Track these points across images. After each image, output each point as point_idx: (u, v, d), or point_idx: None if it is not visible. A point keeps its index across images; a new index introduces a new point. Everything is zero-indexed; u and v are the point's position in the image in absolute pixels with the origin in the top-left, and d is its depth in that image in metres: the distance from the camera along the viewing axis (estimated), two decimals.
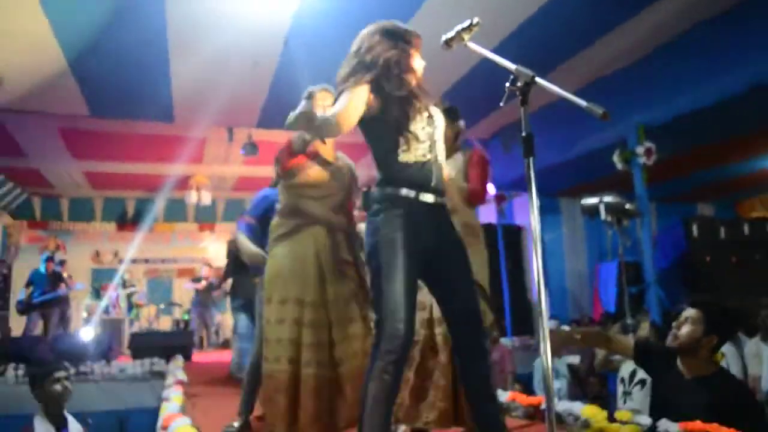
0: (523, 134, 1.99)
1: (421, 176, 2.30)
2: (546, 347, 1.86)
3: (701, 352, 2.65)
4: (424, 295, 2.69)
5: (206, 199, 10.12)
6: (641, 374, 4.84)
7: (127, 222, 12.25)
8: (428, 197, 2.30)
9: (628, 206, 6.87)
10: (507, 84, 2.01)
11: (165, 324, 11.22)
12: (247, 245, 3.40)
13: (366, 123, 2.34)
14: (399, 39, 2.38)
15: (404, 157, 2.30)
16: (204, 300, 10.23)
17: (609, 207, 6.83)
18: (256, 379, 3.18)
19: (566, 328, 7.08)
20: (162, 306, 11.34)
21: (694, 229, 8.47)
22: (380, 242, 2.24)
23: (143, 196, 11.94)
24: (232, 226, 9.70)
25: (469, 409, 2.37)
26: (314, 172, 3.00)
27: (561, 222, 9.81)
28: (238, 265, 6.59)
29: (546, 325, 1.89)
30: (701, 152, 7.89)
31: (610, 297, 8.20)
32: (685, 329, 2.65)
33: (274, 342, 2.87)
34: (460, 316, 2.32)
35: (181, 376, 5.77)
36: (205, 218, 12.51)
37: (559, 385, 6.54)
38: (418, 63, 2.41)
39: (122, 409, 6.62)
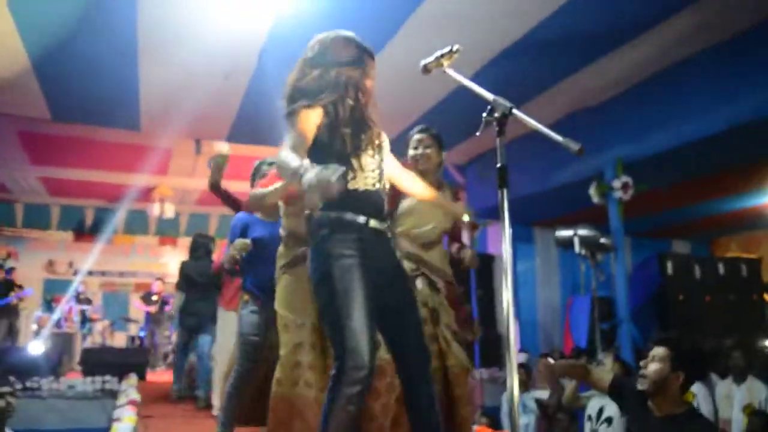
0: (498, 165, 1.96)
1: (370, 203, 2.25)
2: (513, 380, 1.79)
3: (670, 390, 2.64)
4: None
5: (169, 211, 9.83)
6: (608, 411, 4.74)
7: (85, 232, 11.81)
8: (378, 224, 2.24)
9: (602, 240, 6.79)
10: (484, 114, 2.00)
11: (119, 340, 10.86)
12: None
13: (311, 150, 2.20)
14: (360, 55, 2.30)
15: (353, 184, 2.21)
16: (156, 317, 9.88)
17: (583, 240, 6.75)
18: (240, 396, 3.26)
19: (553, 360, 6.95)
20: (115, 321, 10.96)
21: (669, 266, 8.43)
22: (334, 268, 2.13)
23: (103, 206, 11.53)
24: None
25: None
26: None
27: (534, 252, 9.69)
28: (190, 283, 6.39)
29: (514, 357, 1.83)
30: (678, 189, 7.88)
31: (582, 332, 8.09)
32: (652, 367, 2.64)
33: (291, 366, 2.92)
34: (409, 349, 2.30)
35: (135, 395, 5.57)
36: (167, 232, 12.18)
37: (527, 420, 6.38)
38: (370, 84, 2.35)
39: (70, 429, 6.39)
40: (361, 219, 2.20)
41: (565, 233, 7.14)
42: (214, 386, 5.20)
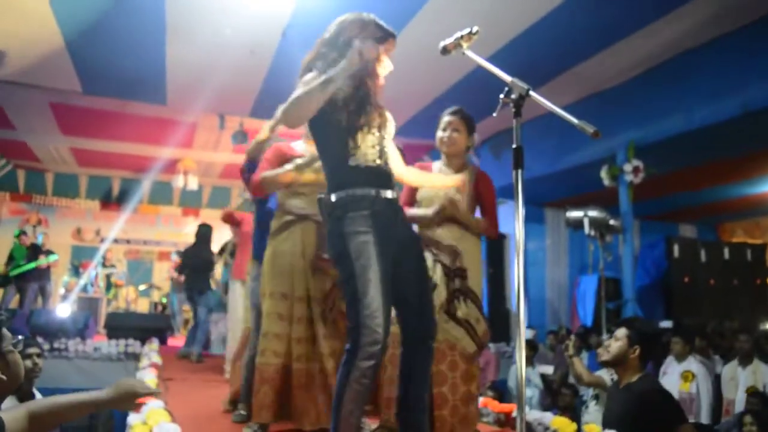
0: (514, 146, 1.98)
1: (376, 176, 2.26)
2: (522, 355, 1.86)
3: (629, 363, 3.12)
4: None
5: (193, 184, 10.08)
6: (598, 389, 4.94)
7: (112, 201, 12.15)
8: (388, 193, 2.27)
9: (612, 222, 6.97)
10: (501, 95, 2.00)
11: (143, 306, 11.18)
12: None
13: (314, 121, 2.28)
14: (376, 36, 2.30)
15: (353, 161, 2.25)
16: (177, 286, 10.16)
17: (593, 221, 6.92)
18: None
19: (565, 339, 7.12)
20: (142, 288, 11.28)
21: (676, 249, 8.56)
22: (350, 245, 2.18)
23: (129, 176, 11.85)
24: (216, 212, 9.68)
25: (398, 405, 2.37)
26: (302, 167, 3.01)
27: (545, 232, 9.86)
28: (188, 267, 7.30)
29: (523, 333, 1.89)
30: (686, 173, 7.97)
31: (588, 311, 8.27)
32: (614, 344, 3.14)
33: (263, 336, 2.95)
34: (413, 318, 2.33)
35: (156, 359, 5.79)
36: (190, 203, 12.44)
37: (530, 393, 6.60)
38: (385, 65, 2.36)
39: (94, 388, 6.63)
40: (372, 191, 2.23)
41: (575, 214, 7.29)
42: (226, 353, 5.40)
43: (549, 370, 6.64)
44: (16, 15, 5.54)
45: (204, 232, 7.38)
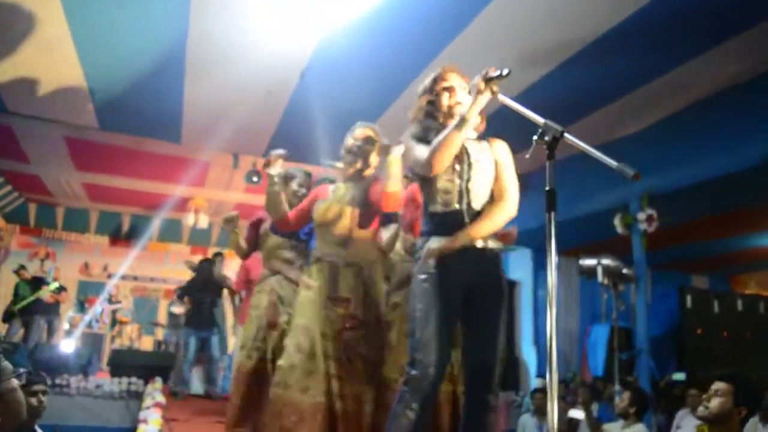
0: (547, 188, 2.03)
1: (451, 222, 2.39)
2: (554, 406, 1.83)
3: (730, 424, 2.84)
4: None
5: (203, 222, 10.08)
6: None
7: (121, 237, 12.15)
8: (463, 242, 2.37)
9: (625, 270, 6.89)
10: (535, 137, 2.04)
11: (147, 344, 11.06)
12: None
13: (413, 174, 2.60)
14: (431, 86, 2.52)
15: (432, 208, 2.43)
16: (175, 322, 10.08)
17: (606, 270, 6.84)
18: None
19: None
20: (144, 325, 11.18)
21: (689, 300, 8.47)
22: (416, 287, 2.35)
23: (140, 213, 11.86)
24: (224, 252, 9.62)
25: None
26: (322, 208, 3.15)
27: (557, 280, 9.75)
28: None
29: (555, 382, 1.86)
30: (701, 223, 7.94)
31: (599, 360, 8.14)
32: (715, 401, 2.83)
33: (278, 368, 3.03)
34: (476, 364, 2.38)
35: (160, 398, 5.71)
36: (199, 241, 12.41)
37: None
38: (459, 98, 2.48)
39: (95, 426, 6.54)
40: (443, 240, 2.37)
41: (588, 262, 7.22)
42: None
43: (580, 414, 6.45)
44: (41, 49, 5.59)
45: (207, 266, 7.54)
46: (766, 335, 8.73)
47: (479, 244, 2.38)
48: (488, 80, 2.18)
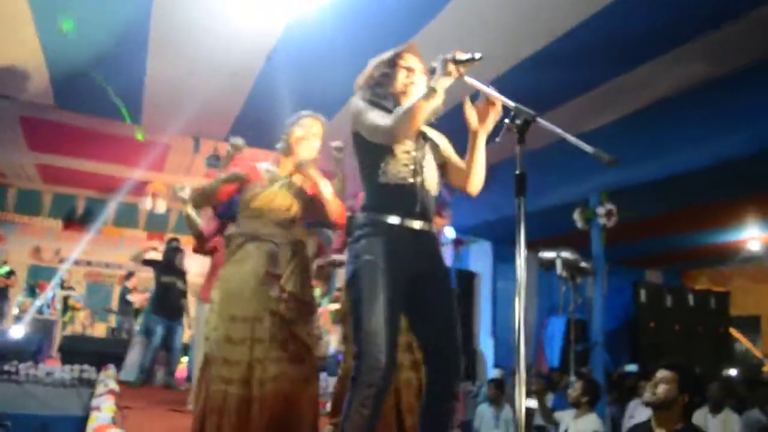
0: (517, 173, 1.97)
1: (404, 200, 2.23)
2: (522, 392, 1.76)
3: (674, 410, 2.96)
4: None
5: (161, 207, 9.87)
6: None
7: (75, 221, 11.78)
8: (414, 223, 2.24)
9: (583, 264, 7.01)
10: (506, 120, 1.98)
11: (100, 330, 10.80)
12: None
13: (356, 139, 2.34)
14: (391, 60, 2.40)
15: (383, 179, 2.25)
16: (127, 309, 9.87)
17: (565, 263, 6.96)
18: None
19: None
20: (97, 311, 10.92)
21: (642, 294, 8.66)
22: (360, 269, 2.17)
23: (95, 196, 11.53)
24: (182, 238, 9.46)
25: None
26: (257, 189, 3.04)
27: (514, 272, 9.86)
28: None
29: (523, 374, 1.78)
30: (656, 220, 8.10)
31: (555, 352, 8.28)
32: (661, 388, 2.96)
33: (214, 360, 2.86)
34: (437, 354, 2.23)
35: (113, 385, 5.57)
36: (156, 227, 12.12)
37: None
38: (415, 80, 2.37)
39: (45, 415, 6.37)
40: (396, 220, 2.22)
41: (548, 255, 7.33)
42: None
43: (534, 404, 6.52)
44: None
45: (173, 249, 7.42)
46: (716, 330, 8.99)
47: (423, 226, 2.25)
48: (458, 63, 2.08)
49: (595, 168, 6.79)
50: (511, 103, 2.01)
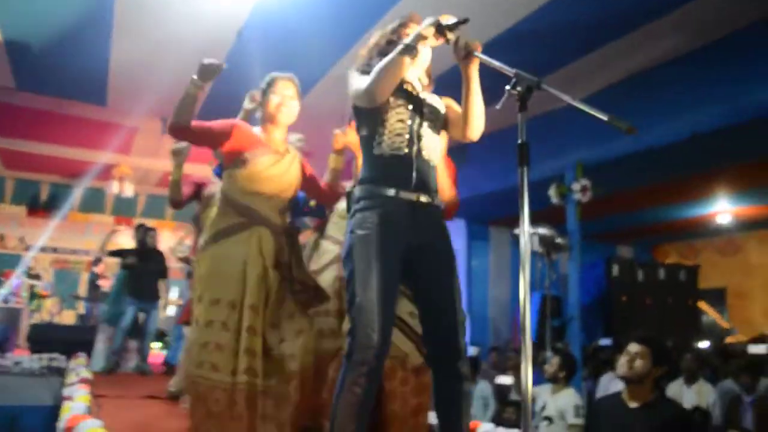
0: (519, 142, 1.89)
1: (399, 172, 2.16)
2: (528, 367, 1.69)
3: (646, 382, 3.00)
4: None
5: (129, 191, 9.62)
6: (549, 410, 4.93)
7: (39, 207, 11.45)
8: (411, 195, 2.15)
9: (559, 240, 7.04)
10: (507, 87, 1.90)
11: (68, 318, 10.58)
12: None
13: (354, 112, 2.27)
14: (395, 30, 2.32)
15: (378, 151, 2.19)
16: (95, 295, 9.67)
17: (542, 239, 6.98)
18: None
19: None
20: (65, 299, 10.69)
21: (615, 269, 8.76)
22: (354, 245, 2.10)
23: (60, 182, 11.22)
24: (151, 222, 9.27)
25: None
26: (268, 162, 2.76)
27: (489, 250, 9.93)
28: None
29: (529, 348, 1.72)
30: (627, 195, 8.18)
31: (532, 328, 8.32)
32: (637, 362, 2.99)
33: (200, 346, 2.63)
34: (436, 332, 2.17)
35: (86, 374, 5.43)
36: (124, 212, 11.83)
37: (478, 407, 6.52)
38: (421, 49, 2.22)
39: (14, 405, 6.22)
40: (391, 192, 2.14)
41: None
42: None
43: (509, 380, 6.54)
44: None
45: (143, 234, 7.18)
46: (686, 302, 9.16)
47: (420, 197, 2.15)
48: (443, 28, 2.05)
49: (570, 143, 6.82)
50: (510, 70, 1.92)
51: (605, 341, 7.80)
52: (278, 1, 5.05)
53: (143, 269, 6.93)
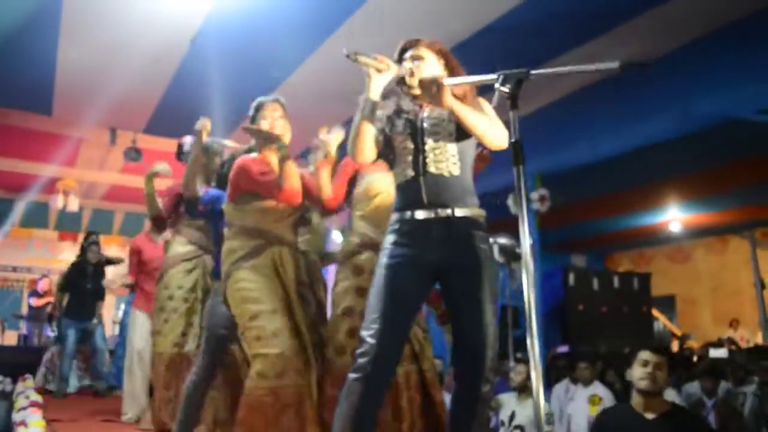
0: (512, 140, 1.86)
1: (410, 195, 2.20)
2: (539, 375, 1.64)
3: (661, 392, 2.91)
4: None
5: (74, 204, 9.22)
6: (519, 419, 4.91)
7: None
8: (421, 213, 2.14)
9: (518, 250, 7.04)
10: (496, 85, 1.87)
11: (11, 339, 10.08)
12: None
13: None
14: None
15: (396, 181, 2.29)
16: (39, 315, 9.27)
17: (502, 248, 6.95)
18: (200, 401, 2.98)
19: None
20: (7, 319, 10.18)
21: (571, 278, 8.83)
22: (379, 262, 2.17)
23: (1, 196, 10.63)
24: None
25: None
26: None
27: None
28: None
29: (538, 358, 1.66)
30: (582, 204, 8.28)
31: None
32: (660, 374, 2.84)
33: (273, 357, 2.59)
34: (462, 347, 2.14)
35: (36, 397, 5.14)
36: (68, 226, 11.40)
37: None
38: (410, 68, 2.21)
39: None
40: (407, 214, 2.17)
41: None
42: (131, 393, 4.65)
43: None
44: None
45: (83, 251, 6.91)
46: (639, 310, 9.30)
47: (437, 214, 2.14)
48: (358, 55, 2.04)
49: (528, 153, 6.82)
50: (491, 77, 1.91)
51: (563, 349, 7.83)
52: (234, 7, 4.89)
53: (81, 288, 6.64)
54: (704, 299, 11.82)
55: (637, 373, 2.88)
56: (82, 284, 6.68)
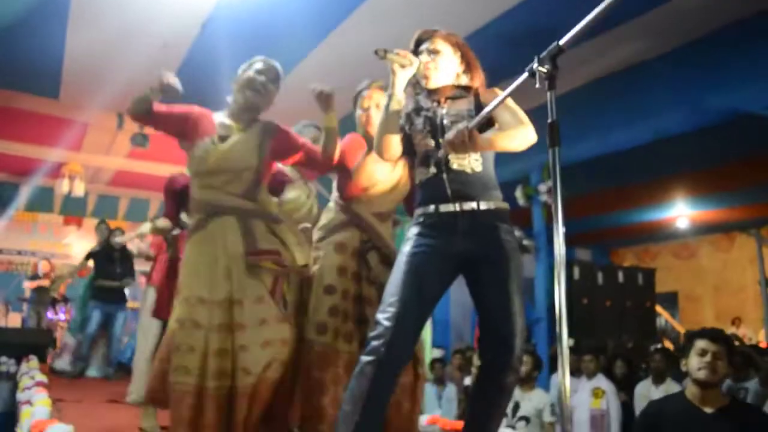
0: (549, 121, 1.78)
1: (434, 190, 2.19)
2: (565, 365, 1.57)
3: (719, 385, 2.76)
4: None
5: (79, 189, 9.19)
6: (524, 410, 4.92)
7: None
8: (448, 207, 2.14)
9: (525, 242, 7.05)
10: (535, 65, 1.76)
11: (15, 321, 10.10)
12: None
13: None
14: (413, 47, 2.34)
15: (417, 178, 2.29)
16: (42, 298, 9.30)
17: None
18: None
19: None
20: (11, 301, 10.20)
21: (576, 272, 8.82)
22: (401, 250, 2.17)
23: (5, 180, 10.63)
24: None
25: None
26: (202, 153, 2.67)
27: None
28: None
29: (566, 352, 1.59)
30: (588, 197, 8.25)
31: None
32: (720, 363, 2.64)
33: (176, 349, 2.51)
34: (487, 337, 2.15)
35: (41, 377, 5.15)
36: (73, 211, 11.36)
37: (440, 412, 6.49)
38: (425, 60, 2.28)
39: None
40: (430, 208, 2.17)
41: None
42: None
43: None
44: None
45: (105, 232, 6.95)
46: (643, 305, 9.29)
47: (463, 207, 2.14)
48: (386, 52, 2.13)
49: (535, 144, 6.81)
50: (521, 78, 1.88)
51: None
52: None
53: (110, 271, 6.65)
54: (707, 297, 11.83)
55: (695, 363, 2.68)
56: (111, 269, 6.69)
